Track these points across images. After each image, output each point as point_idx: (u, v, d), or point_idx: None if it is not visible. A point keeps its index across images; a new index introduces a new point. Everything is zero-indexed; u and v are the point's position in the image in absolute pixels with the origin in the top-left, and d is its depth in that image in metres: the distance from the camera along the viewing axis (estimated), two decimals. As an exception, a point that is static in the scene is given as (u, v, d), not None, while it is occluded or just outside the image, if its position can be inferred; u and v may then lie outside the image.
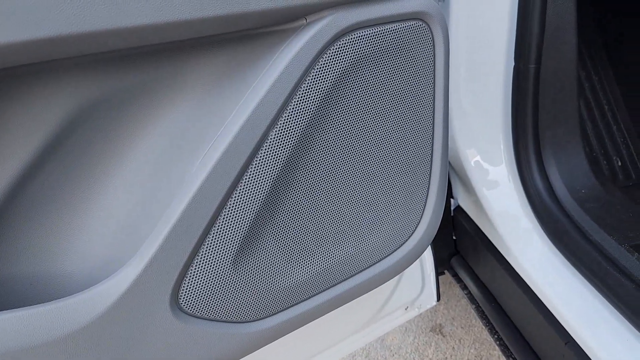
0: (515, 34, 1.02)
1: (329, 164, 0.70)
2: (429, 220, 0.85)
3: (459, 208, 1.31)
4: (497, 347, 1.36)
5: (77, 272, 0.61)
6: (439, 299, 1.26)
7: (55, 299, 0.57)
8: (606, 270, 0.93)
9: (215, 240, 0.63)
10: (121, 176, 0.61)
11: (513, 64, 1.05)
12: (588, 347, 0.89)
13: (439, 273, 1.32)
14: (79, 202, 0.61)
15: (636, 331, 0.85)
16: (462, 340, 1.76)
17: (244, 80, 0.62)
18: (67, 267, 0.62)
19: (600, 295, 0.92)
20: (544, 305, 1.00)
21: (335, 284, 0.78)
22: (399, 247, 0.85)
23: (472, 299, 1.32)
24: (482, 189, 1.11)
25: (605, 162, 1.30)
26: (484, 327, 1.40)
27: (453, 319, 1.88)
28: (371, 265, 0.81)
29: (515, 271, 1.07)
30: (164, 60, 0.59)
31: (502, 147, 1.09)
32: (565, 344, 0.95)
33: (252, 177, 0.63)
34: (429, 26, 0.71)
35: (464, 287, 1.35)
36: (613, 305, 0.90)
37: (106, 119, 0.59)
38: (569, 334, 0.94)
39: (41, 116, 0.55)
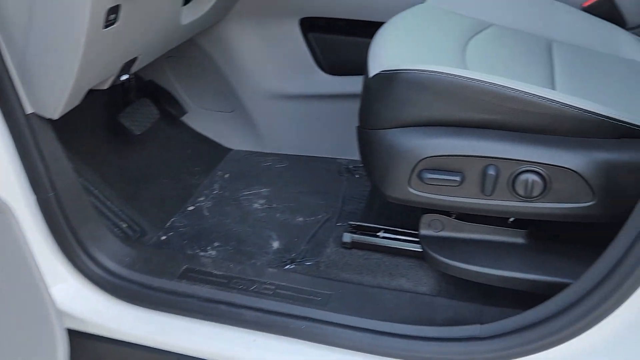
0: (26, 174, 1.28)
1: None
2: None
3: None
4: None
5: None
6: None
7: None
8: (170, 300, 1.39)
9: None
10: None
11: (35, 196, 1.30)
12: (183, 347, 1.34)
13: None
14: None
15: (187, 322, 1.35)
16: None
17: None
18: None
19: (177, 316, 1.37)
20: (147, 345, 1.38)
21: None
22: None
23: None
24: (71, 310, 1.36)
25: (120, 230, 1.74)
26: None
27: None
28: None
29: (121, 340, 1.39)
30: None
31: (61, 268, 1.37)
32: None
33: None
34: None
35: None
36: (179, 316, 1.37)
37: None
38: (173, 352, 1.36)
39: None
